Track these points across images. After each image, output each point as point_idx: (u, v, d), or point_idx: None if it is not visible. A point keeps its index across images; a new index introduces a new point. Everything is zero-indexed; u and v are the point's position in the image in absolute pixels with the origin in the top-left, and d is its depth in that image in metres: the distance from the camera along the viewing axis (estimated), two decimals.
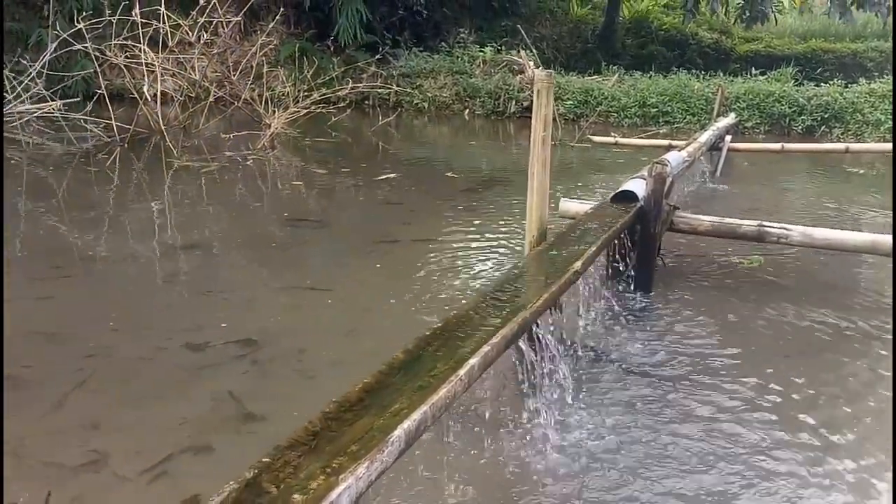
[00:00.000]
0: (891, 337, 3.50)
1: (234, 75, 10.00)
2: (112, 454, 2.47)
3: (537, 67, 11.34)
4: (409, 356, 1.95)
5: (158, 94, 8.58)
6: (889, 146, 8.68)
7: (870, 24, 15.53)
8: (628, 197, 3.96)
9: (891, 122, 10.30)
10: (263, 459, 1.45)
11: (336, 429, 1.59)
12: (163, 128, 8.13)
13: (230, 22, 9.73)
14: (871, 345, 3.48)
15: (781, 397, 2.93)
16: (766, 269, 4.55)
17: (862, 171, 8.39)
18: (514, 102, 11.94)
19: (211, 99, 9.32)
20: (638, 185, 4.04)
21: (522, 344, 2.47)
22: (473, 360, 1.90)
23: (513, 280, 2.66)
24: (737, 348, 3.36)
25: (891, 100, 10.55)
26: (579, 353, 3.19)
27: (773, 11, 14.71)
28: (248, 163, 7.51)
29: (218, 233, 5.22)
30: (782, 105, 10.97)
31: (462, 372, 1.83)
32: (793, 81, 11.84)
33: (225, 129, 9.03)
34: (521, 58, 12.44)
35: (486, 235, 5.10)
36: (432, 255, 4.60)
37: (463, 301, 3.74)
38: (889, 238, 4.04)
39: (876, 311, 3.89)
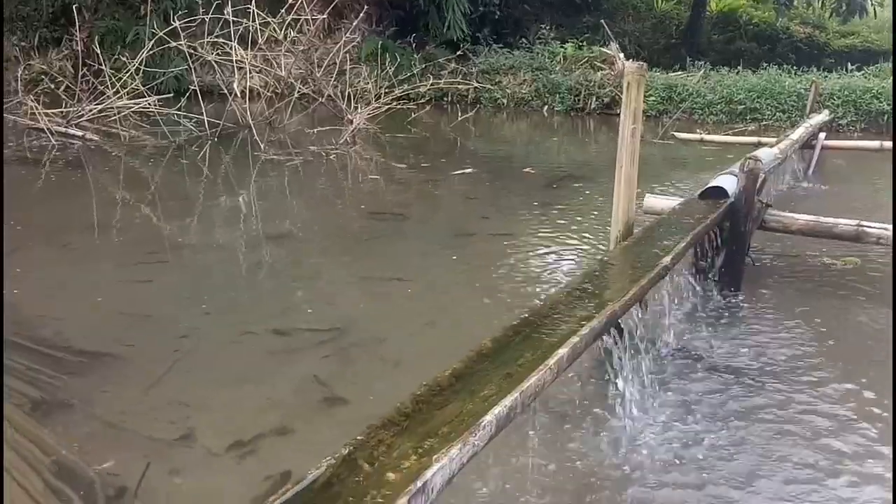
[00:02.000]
0: None
1: (317, 72, 10.20)
2: (204, 431, 2.57)
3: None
4: (496, 344, 1.95)
5: (247, 90, 8.85)
6: None
7: None
8: (718, 193, 3.85)
9: None
10: (357, 437, 1.48)
11: (427, 411, 1.60)
12: (250, 122, 8.39)
13: (316, 20, 9.91)
14: None
15: (871, 405, 2.79)
16: (861, 272, 4.33)
17: None
18: (594, 98, 11.75)
19: (296, 95, 9.55)
20: (728, 182, 3.92)
21: (608, 337, 2.44)
22: (562, 351, 1.88)
23: (599, 273, 2.62)
24: (825, 352, 3.22)
25: None
26: (663, 349, 3.12)
27: (871, 3, 13.99)
28: (331, 157, 7.66)
29: (301, 224, 5.35)
30: (880, 102, 10.40)
31: (551, 362, 1.82)
32: (892, 77, 11.21)
33: (308, 125, 9.24)
34: (611, 50, 12.20)
35: (564, 232, 5.04)
36: (510, 249, 4.59)
37: (541, 295, 3.72)
38: None
39: None
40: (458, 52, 12.47)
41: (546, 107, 12.10)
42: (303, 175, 6.96)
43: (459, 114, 11.09)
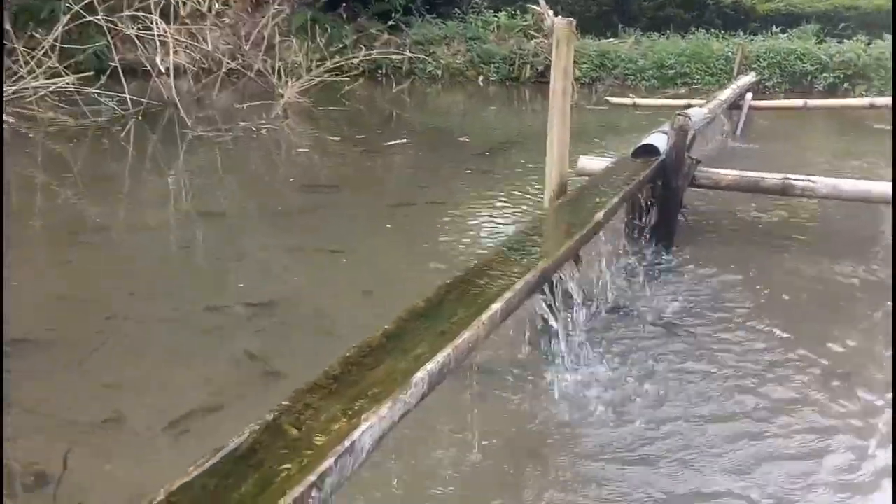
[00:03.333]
0: None
1: (246, 46, 9.91)
2: (133, 413, 2.47)
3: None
4: (429, 304, 1.91)
5: (171, 66, 8.52)
6: None
7: None
8: (649, 151, 3.88)
9: None
10: (283, 402, 1.42)
11: (357, 373, 1.55)
12: (176, 100, 8.08)
13: None
14: (888, 296, 3.40)
15: (803, 348, 2.87)
16: (788, 224, 4.46)
17: (888, 128, 8.17)
18: (529, 67, 11.74)
19: (223, 70, 9.25)
20: (660, 139, 3.95)
21: (543, 295, 2.43)
22: (496, 306, 1.85)
23: (533, 231, 2.60)
24: (757, 300, 3.31)
25: None
26: (600, 306, 3.14)
27: None
28: (262, 132, 7.46)
29: (233, 200, 5.20)
30: (804, 63, 10.72)
31: (484, 317, 1.79)
32: (815, 39, 11.54)
33: (238, 101, 8.97)
34: (539, 7, 12.08)
35: (502, 197, 5.03)
36: (449, 216, 4.55)
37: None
38: None
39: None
40: (390, 23, 12.26)
41: (481, 77, 12.04)
42: (234, 151, 6.77)
43: (394, 86, 10.96)
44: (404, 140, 7.13)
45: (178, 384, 2.67)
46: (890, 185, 4.17)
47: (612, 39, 12.41)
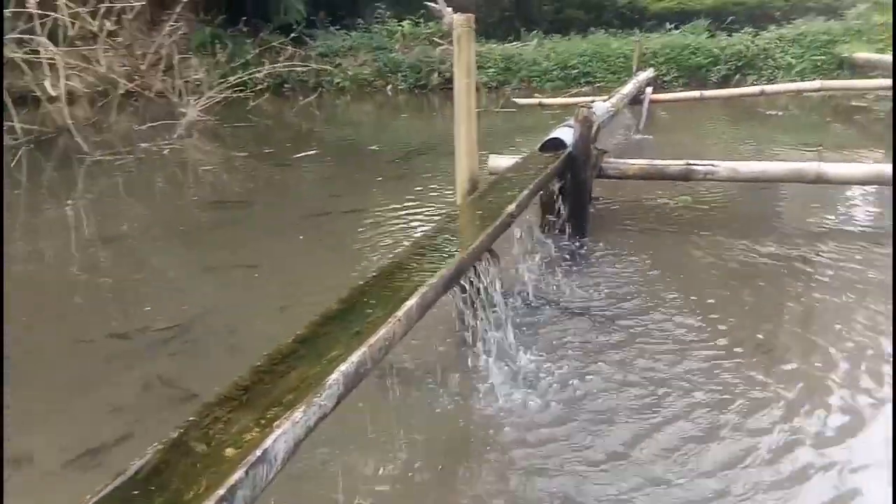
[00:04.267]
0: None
1: (143, 66, 9.56)
2: (39, 450, 2.31)
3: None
4: (344, 305, 1.86)
5: (63, 90, 8.11)
6: (801, 85, 8.98)
7: None
8: (557, 146, 3.93)
9: (801, 65, 10.67)
10: (189, 418, 1.34)
11: (269, 381, 1.48)
12: (70, 125, 7.70)
13: (133, 8, 9.23)
14: (792, 268, 3.57)
15: (715, 323, 2.96)
16: (693, 208, 4.61)
17: (779, 113, 8.62)
18: (436, 74, 11.79)
19: (120, 92, 8.89)
20: (566, 133, 4.01)
21: (461, 291, 2.41)
22: (411, 301, 1.81)
23: (447, 228, 2.58)
24: (669, 282, 3.40)
25: (800, 43, 10.94)
26: (518, 299, 3.15)
27: None
28: (166, 153, 7.19)
29: (138, 223, 4.96)
30: (698, 56, 11.18)
31: (400, 313, 1.75)
32: (706, 33, 12.06)
33: (138, 122, 8.63)
34: (437, 4, 12.05)
35: (417, 201, 5.01)
36: (364, 224, 4.50)
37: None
38: (813, 165, 4.14)
39: (795, 237, 4.01)
40: (293, 35, 12.05)
41: (389, 86, 12.02)
42: (136, 174, 6.49)
43: (301, 99, 10.80)
44: (314, 151, 7.02)
45: (84, 417, 2.51)
46: (786, 164, 4.38)
47: (515, 43, 12.60)
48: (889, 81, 7.52)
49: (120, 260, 4.19)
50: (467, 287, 2.67)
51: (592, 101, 6.87)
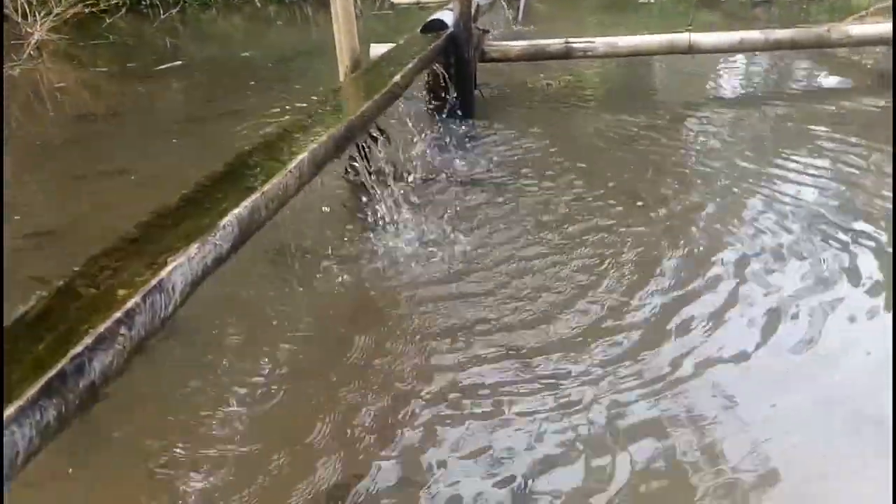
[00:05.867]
0: None
1: None
2: None
3: None
4: (230, 168, 1.77)
5: None
6: None
7: None
8: (438, 27, 3.86)
9: None
10: (74, 269, 1.25)
11: (158, 233, 1.40)
12: None
13: None
14: (669, 132, 3.73)
15: (599, 187, 3.06)
16: (574, 87, 4.70)
17: (652, 1, 8.80)
18: None
19: None
20: (447, 15, 3.93)
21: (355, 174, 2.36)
22: (303, 155, 1.75)
23: (332, 99, 2.50)
24: (556, 153, 3.47)
25: None
26: (409, 173, 3.14)
27: None
28: (14, 74, 6.55)
29: None
30: None
31: (292, 165, 1.69)
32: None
33: None
34: None
35: (295, 100, 4.82)
36: (241, 124, 4.28)
37: None
38: (685, 35, 4.28)
39: (670, 106, 4.18)
40: None
41: None
42: None
43: (162, 14, 10.05)
44: (180, 62, 6.60)
45: None
46: (661, 37, 4.49)
47: None
48: None
49: None
50: (362, 164, 2.64)
51: None
